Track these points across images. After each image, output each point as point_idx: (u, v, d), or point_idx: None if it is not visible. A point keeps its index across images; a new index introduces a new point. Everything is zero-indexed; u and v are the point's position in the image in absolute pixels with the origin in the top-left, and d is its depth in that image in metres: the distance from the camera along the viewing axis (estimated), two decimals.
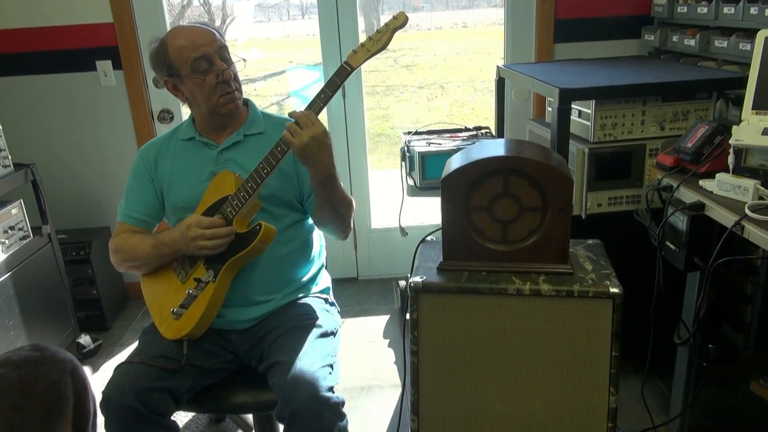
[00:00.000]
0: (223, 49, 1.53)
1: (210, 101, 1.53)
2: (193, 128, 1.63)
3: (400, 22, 1.40)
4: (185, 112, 2.76)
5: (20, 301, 2.19)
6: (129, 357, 1.49)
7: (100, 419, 1.39)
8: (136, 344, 1.60)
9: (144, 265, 1.60)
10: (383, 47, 1.41)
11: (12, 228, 2.22)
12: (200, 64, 1.49)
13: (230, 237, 1.47)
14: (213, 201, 1.53)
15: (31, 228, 2.33)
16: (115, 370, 1.44)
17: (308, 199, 1.61)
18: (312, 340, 1.48)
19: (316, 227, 1.69)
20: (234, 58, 1.57)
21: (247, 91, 1.77)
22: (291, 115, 1.42)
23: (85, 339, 2.56)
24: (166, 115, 2.79)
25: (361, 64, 1.42)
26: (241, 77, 1.59)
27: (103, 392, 1.39)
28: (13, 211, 2.23)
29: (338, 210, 1.54)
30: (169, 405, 1.43)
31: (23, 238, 2.28)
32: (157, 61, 1.54)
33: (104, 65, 2.68)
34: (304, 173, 1.55)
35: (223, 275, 1.50)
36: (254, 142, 1.61)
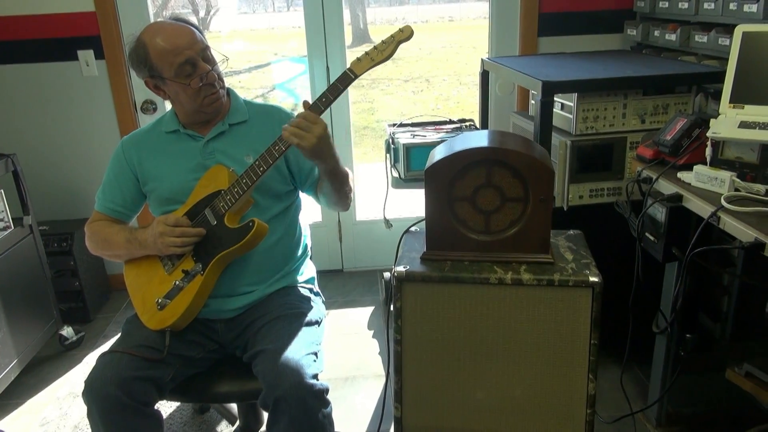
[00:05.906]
0: (205, 49, 1.52)
1: (194, 102, 1.53)
2: (176, 121, 1.62)
3: (405, 35, 1.41)
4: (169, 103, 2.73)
5: (1, 292, 2.17)
6: (112, 346, 1.49)
7: (83, 408, 1.39)
8: (119, 335, 1.59)
9: (115, 256, 1.63)
10: (387, 58, 1.43)
11: None
12: (184, 68, 1.48)
13: (197, 237, 1.49)
14: (205, 194, 1.53)
15: (12, 219, 2.30)
16: (97, 360, 1.44)
17: (307, 180, 1.66)
18: (296, 329, 1.49)
19: (315, 202, 1.75)
20: (217, 57, 1.56)
21: (232, 83, 1.76)
22: (289, 123, 1.41)
23: (67, 331, 2.55)
24: (149, 106, 2.77)
25: (364, 72, 1.44)
26: (225, 70, 1.58)
27: (86, 381, 1.39)
28: None
29: (344, 187, 1.63)
30: (152, 394, 1.43)
31: (4, 229, 2.25)
32: (136, 61, 1.52)
33: (86, 55, 2.65)
34: (294, 156, 1.60)
35: (212, 269, 1.50)
36: (239, 131, 1.61)
